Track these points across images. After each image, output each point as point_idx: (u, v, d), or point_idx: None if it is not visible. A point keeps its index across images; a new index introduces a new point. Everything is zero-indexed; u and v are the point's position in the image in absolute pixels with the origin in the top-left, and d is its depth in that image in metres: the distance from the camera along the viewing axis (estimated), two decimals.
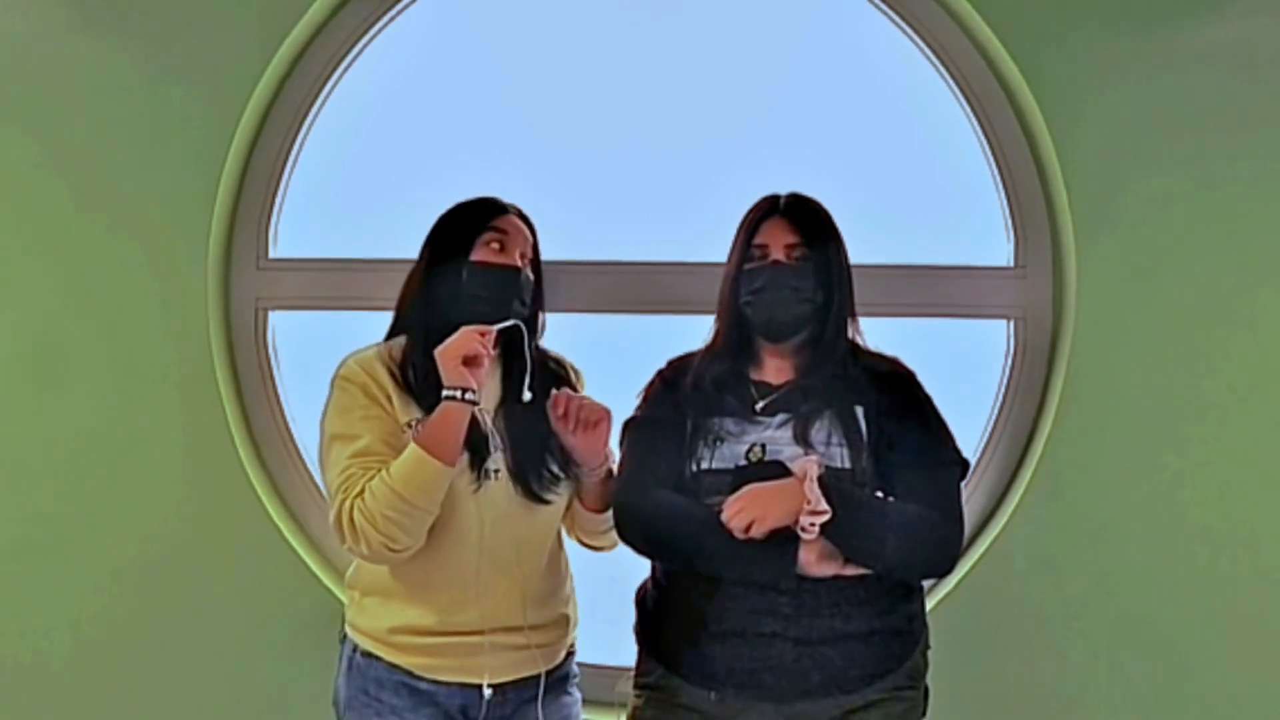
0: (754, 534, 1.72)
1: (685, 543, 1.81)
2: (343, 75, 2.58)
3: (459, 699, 1.90)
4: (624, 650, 2.01)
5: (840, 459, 1.81)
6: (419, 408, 1.89)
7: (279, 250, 2.58)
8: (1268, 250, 2.36)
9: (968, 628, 2.36)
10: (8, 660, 2.49)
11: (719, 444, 1.86)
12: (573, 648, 2.04)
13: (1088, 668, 2.38)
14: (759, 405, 1.89)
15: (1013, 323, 2.50)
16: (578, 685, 2.04)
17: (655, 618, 1.93)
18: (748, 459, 1.83)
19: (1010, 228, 2.50)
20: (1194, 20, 2.37)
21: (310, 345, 2.57)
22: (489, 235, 1.93)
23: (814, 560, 1.75)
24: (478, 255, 1.92)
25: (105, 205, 2.47)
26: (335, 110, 2.59)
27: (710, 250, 2.01)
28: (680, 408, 1.92)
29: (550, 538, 1.98)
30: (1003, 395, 2.50)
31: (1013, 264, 2.49)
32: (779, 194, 1.95)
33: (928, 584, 2.27)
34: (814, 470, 1.74)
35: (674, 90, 2.56)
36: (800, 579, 1.76)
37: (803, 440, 1.82)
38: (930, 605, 2.24)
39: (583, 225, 2.52)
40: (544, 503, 1.93)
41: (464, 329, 1.82)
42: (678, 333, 2.12)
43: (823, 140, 2.51)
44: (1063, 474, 2.37)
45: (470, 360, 1.80)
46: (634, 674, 1.96)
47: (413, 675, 1.89)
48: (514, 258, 1.93)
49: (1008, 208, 2.50)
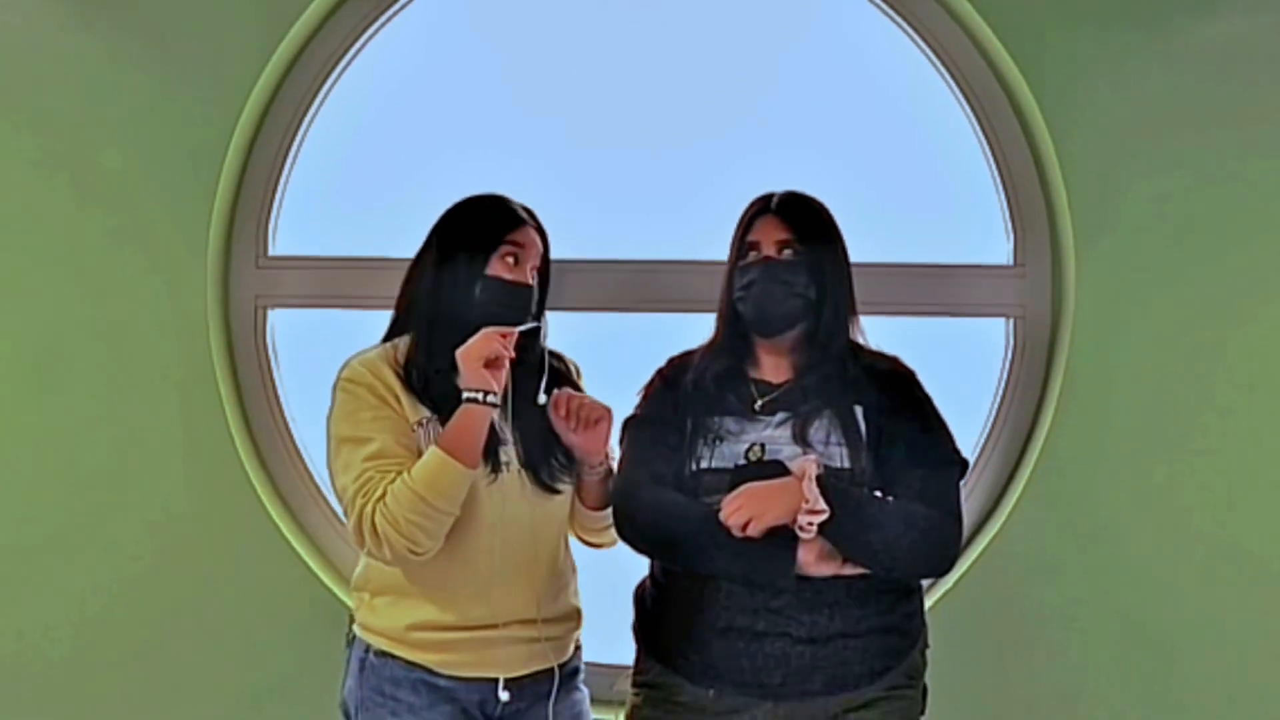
0: (751, 532, 1.72)
1: (683, 541, 1.81)
2: (342, 73, 2.58)
3: (477, 694, 1.90)
4: (622, 648, 2.01)
5: (839, 458, 1.81)
6: (427, 406, 1.88)
7: (278, 248, 2.58)
8: (1267, 249, 2.36)
9: (966, 626, 2.36)
10: (8, 660, 2.50)
11: (718, 443, 1.86)
12: (579, 643, 2.04)
13: (1086, 666, 2.38)
14: (758, 404, 1.89)
15: (1012, 321, 2.50)
16: (583, 681, 2.04)
17: (654, 616, 1.93)
18: (747, 458, 1.83)
19: (1009, 226, 2.50)
20: (1193, 19, 2.37)
21: (310, 343, 2.57)
22: (506, 249, 1.92)
23: (812, 559, 1.75)
24: (493, 270, 1.91)
25: (104, 203, 2.47)
26: (335, 108, 2.59)
27: (710, 249, 2.02)
28: (680, 406, 1.92)
29: (561, 530, 1.99)
30: (1002, 394, 2.50)
31: (1012, 263, 2.50)
32: (774, 192, 1.96)
33: (926, 582, 2.27)
34: (812, 469, 1.74)
35: (674, 89, 2.55)
36: (799, 578, 1.76)
37: (801, 439, 1.83)
38: (929, 603, 2.24)
39: (583, 224, 2.51)
40: (554, 492, 1.93)
41: (485, 330, 1.82)
42: (678, 331, 2.13)
43: (823, 139, 2.51)
44: (1061, 473, 2.38)
45: (492, 363, 1.80)
46: (632, 672, 1.96)
47: (431, 672, 1.88)
48: (526, 273, 1.93)
49: (1007, 206, 2.50)
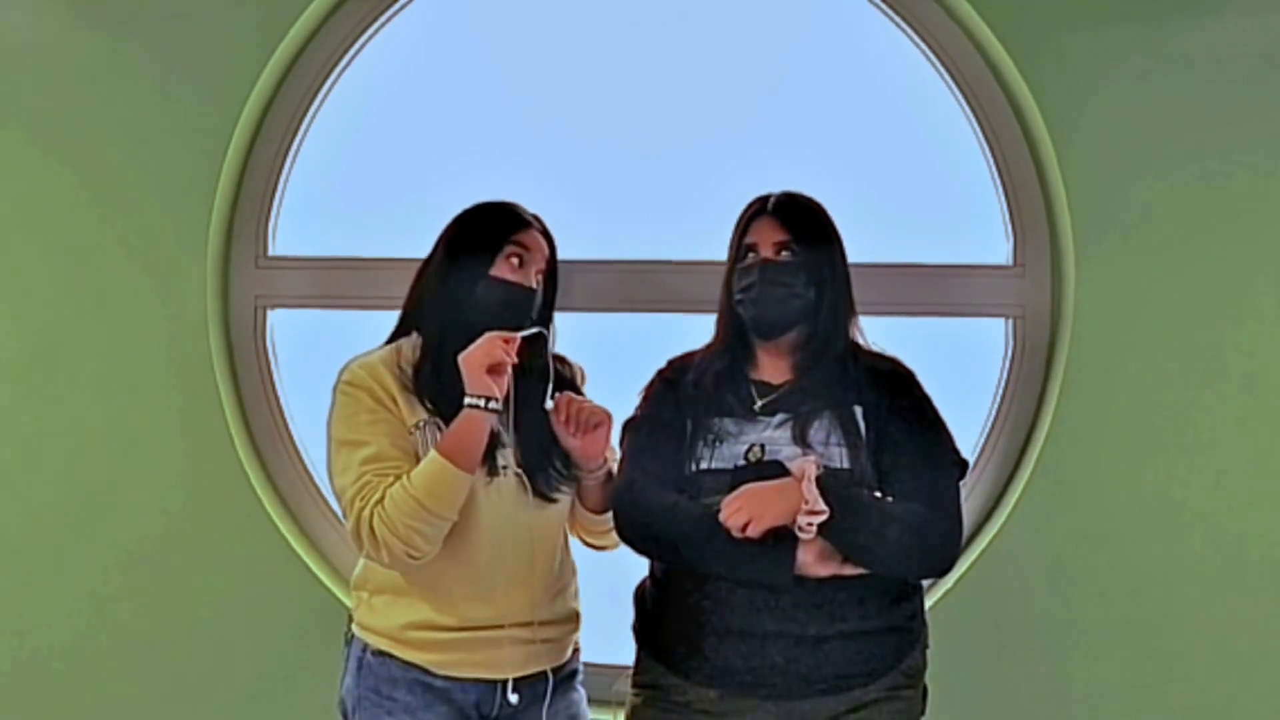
0: (751, 533, 1.71)
1: (683, 542, 1.80)
2: (342, 73, 2.58)
3: (474, 695, 1.90)
4: (622, 649, 2.01)
5: (839, 459, 1.81)
6: (425, 409, 1.89)
7: (278, 248, 2.58)
8: (1266, 249, 2.36)
9: (966, 626, 2.36)
10: (7, 660, 2.50)
11: (718, 444, 1.86)
12: (578, 645, 2.04)
13: (1086, 666, 2.38)
14: (758, 405, 1.89)
15: (1011, 321, 2.50)
16: (581, 683, 2.05)
17: (654, 616, 1.93)
18: (747, 459, 1.83)
19: (1009, 226, 2.50)
20: (1193, 20, 2.37)
21: (309, 343, 2.57)
22: (510, 250, 1.92)
23: (812, 560, 1.75)
24: (497, 271, 1.91)
25: (104, 203, 2.47)
26: (334, 108, 2.59)
27: (710, 248, 2.02)
28: (680, 407, 1.92)
29: (559, 534, 1.99)
30: (1001, 394, 2.50)
31: (1011, 262, 2.49)
32: (771, 193, 1.96)
33: (926, 582, 2.27)
34: (811, 470, 1.74)
35: (674, 88, 2.55)
36: (798, 578, 1.76)
37: (801, 440, 1.83)
38: (929, 604, 2.24)
39: (583, 223, 2.51)
40: (551, 500, 1.93)
41: (489, 335, 1.81)
42: (678, 331, 2.13)
43: (823, 140, 2.51)
44: (1061, 473, 2.38)
45: (494, 368, 1.80)
46: (632, 673, 1.96)
47: (427, 672, 1.89)
48: (530, 276, 1.93)
49: (1006, 206, 2.50)
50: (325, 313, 2.56)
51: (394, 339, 1.98)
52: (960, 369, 2.50)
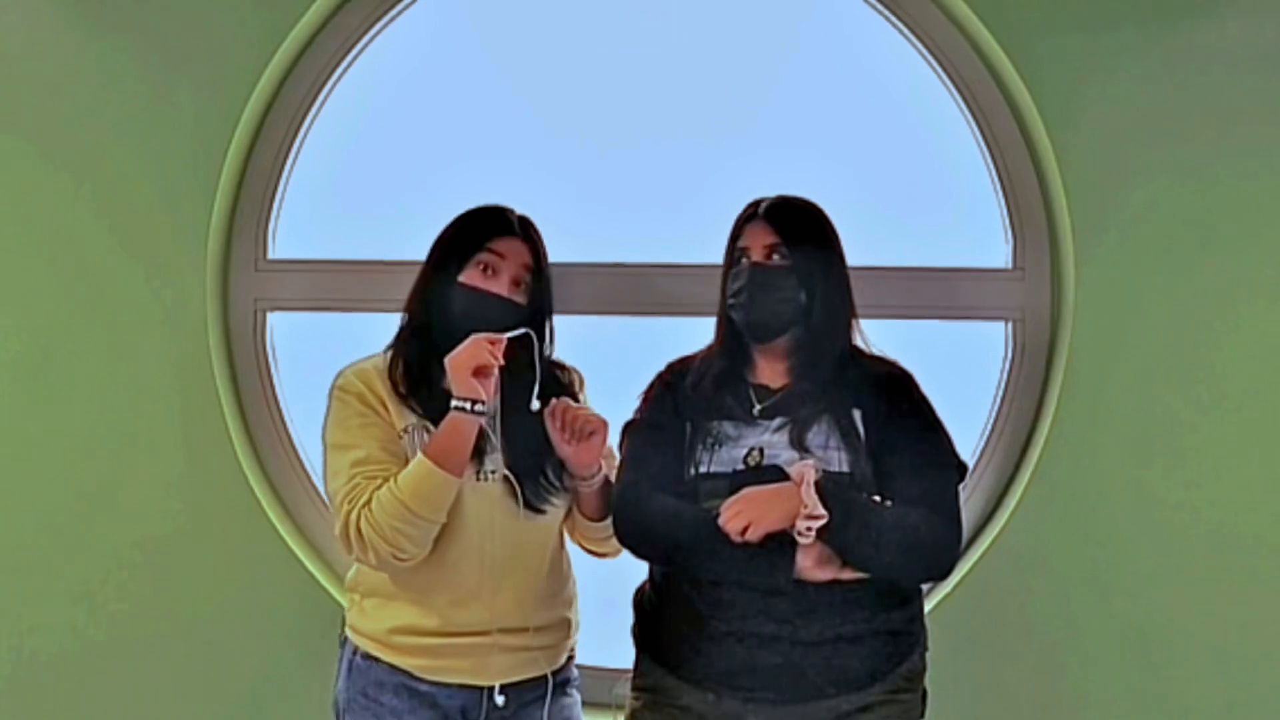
0: (750, 537, 1.71)
1: (682, 546, 1.80)
2: (342, 76, 2.58)
3: (459, 700, 1.90)
4: (621, 652, 2.01)
5: (838, 462, 1.81)
6: (414, 413, 1.89)
7: (277, 251, 2.58)
8: (1266, 251, 2.36)
9: (966, 629, 2.36)
10: (6, 660, 2.50)
11: (717, 447, 1.86)
12: (573, 652, 2.04)
13: (1085, 669, 2.38)
14: (757, 408, 1.89)
15: (1011, 324, 2.50)
16: (577, 687, 2.05)
17: (653, 620, 1.93)
18: (746, 463, 1.83)
19: (1008, 229, 2.50)
20: (1193, 21, 2.37)
21: (309, 346, 2.57)
22: (481, 258, 1.91)
23: (811, 564, 1.75)
24: (466, 278, 1.91)
25: (104, 206, 2.47)
26: (334, 111, 2.59)
27: (709, 252, 2.01)
28: (680, 410, 1.92)
29: (551, 539, 1.98)
30: (1001, 397, 2.50)
31: (1011, 265, 2.49)
32: (764, 197, 1.96)
33: (926, 586, 2.27)
34: (810, 474, 1.73)
35: (672, 91, 2.55)
36: (797, 583, 1.76)
37: (799, 444, 1.82)
38: (928, 607, 2.24)
39: (582, 226, 2.52)
40: (540, 512, 1.93)
41: (475, 337, 1.81)
42: (676, 335, 2.13)
43: (822, 142, 2.51)
44: (1061, 476, 2.37)
45: (480, 371, 1.80)
46: (631, 676, 1.96)
47: (413, 677, 1.89)
48: (503, 283, 1.92)
49: (1006, 209, 2.50)
50: (324, 315, 2.56)
51: (396, 342, 1.99)
52: (960, 372, 2.50)
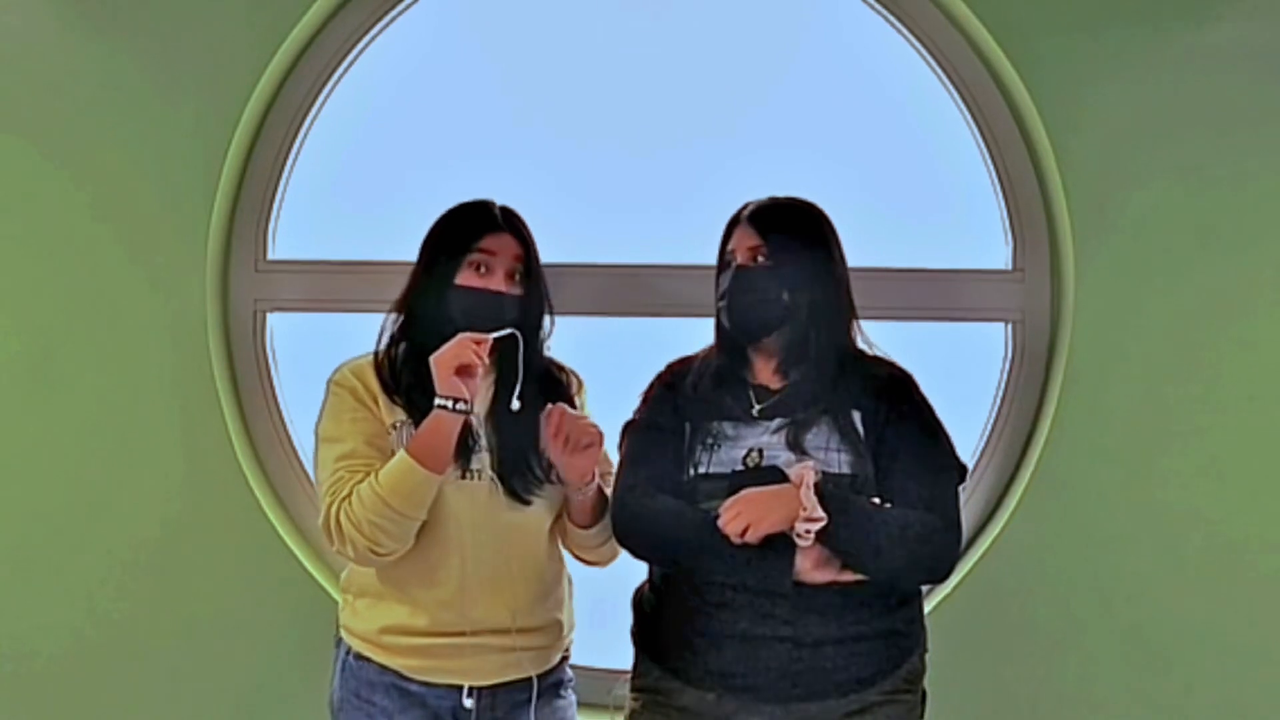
0: (749, 539, 1.71)
1: (681, 547, 1.80)
2: (342, 76, 2.58)
3: (450, 701, 1.90)
4: (620, 653, 2.01)
5: (838, 464, 1.81)
6: (403, 410, 1.90)
7: (277, 252, 2.58)
8: (1266, 253, 2.36)
9: (966, 631, 2.36)
10: (6, 660, 2.49)
11: (717, 448, 1.86)
12: (567, 653, 2.03)
13: (1085, 671, 2.38)
14: (756, 409, 1.89)
15: (1011, 326, 2.50)
16: (573, 689, 2.04)
17: (652, 621, 1.93)
18: (745, 464, 1.83)
19: (1008, 231, 2.50)
20: (1192, 22, 2.37)
21: (308, 347, 2.57)
22: (474, 257, 1.91)
23: (810, 566, 1.75)
24: (461, 279, 1.91)
25: (103, 207, 2.47)
26: (334, 112, 2.59)
27: (707, 253, 2.02)
28: (679, 411, 1.92)
29: (539, 539, 1.96)
30: (1001, 398, 2.50)
31: (1011, 267, 2.50)
32: (752, 201, 1.96)
33: (926, 587, 2.27)
34: (810, 476, 1.73)
35: (671, 92, 2.55)
36: (797, 584, 1.75)
37: (799, 445, 1.82)
38: (928, 608, 2.24)
39: (580, 227, 2.52)
40: (525, 502, 1.91)
41: (460, 336, 1.81)
42: (674, 335, 2.13)
43: (822, 144, 2.51)
44: (1060, 477, 2.37)
45: (464, 370, 1.79)
46: (630, 677, 1.96)
47: (402, 677, 1.89)
48: (498, 280, 1.92)
49: (1006, 211, 2.50)
50: (324, 316, 2.56)
51: (386, 341, 1.99)
52: (960, 374, 2.50)
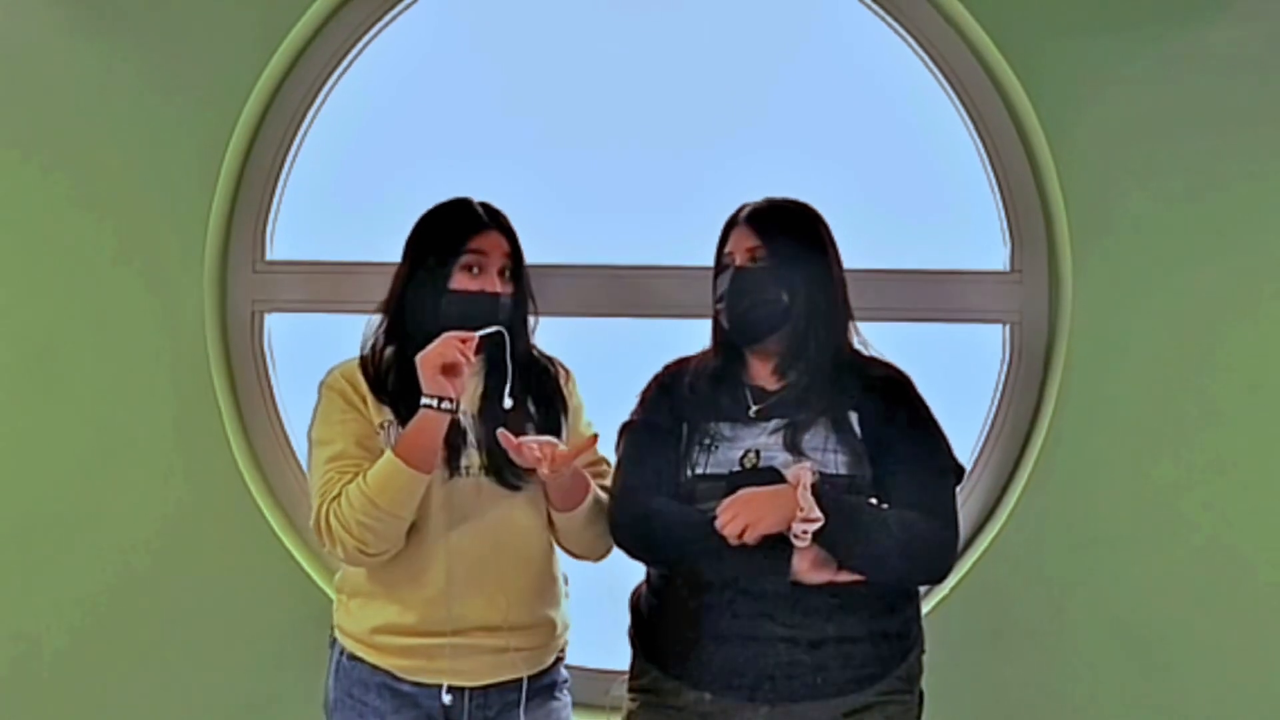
0: (747, 539, 1.71)
1: (679, 548, 1.81)
2: (340, 77, 2.58)
3: (441, 701, 1.89)
4: (618, 654, 2.01)
5: (835, 465, 1.81)
6: (391, 409, 1.90)
7: (275, 253, 2.58)
8: (1264, 254, 2.36)
9: (963, 632, 2.36)
10: (4, 662, 2.49)
11: (714, 448, 1.86)
12: (562, 654, 2.02)
13: (1082, 672, 2.38)
14: (753, 410, 1.89)
15: (1009, 327, 2.50)
16: (568, 689, 2.03)
17: (650, 621, 1.93)
18: (742, 464, 1.83)
19: (1006, 232, 2.50)
20: (1191, 24, 2.37)
21: (306, 348, 2.56)
22: (466, 259, 1.91)
23: (807, 567, 1.75)
24: (456, 283, 1.90)
25: (101, 207, 2.47)
26: (332, 112, 2.59)
27: (706, 254, 2.02)
28: (676, 411, 1.93)
29: (529, 537, 1.94)
30: (998, 400, 2.50)
31: (1009, 268, 2.50)
32: (749, 202, 1.96)
33: (923, 588, 2.27)
34: (807, 477, 1.73)
35: (669, 93, 2.56)
36: (794, 585, 1.75)
37: (797, 446, 1.82)
38: (926, 609, 2.24)
39: (579, 228, 2.52)
40: (515, 488, 1.90)
41: (446, 335, 1.81)
42: (672, 337, 2.13)
43: (820, 145, 2.51)
44: (1058, 478, 2.38)
45: (450, 369, 1.79)
46: (628, 677, 1.96)
47: (394, 677, 1.90)
48: (491, 280, 1.92)
49: (1004, 212, 2.50)
50: (322, 317, 2.55)
51: (374, 342, 1.99)
52: (957, 375, 2.50)
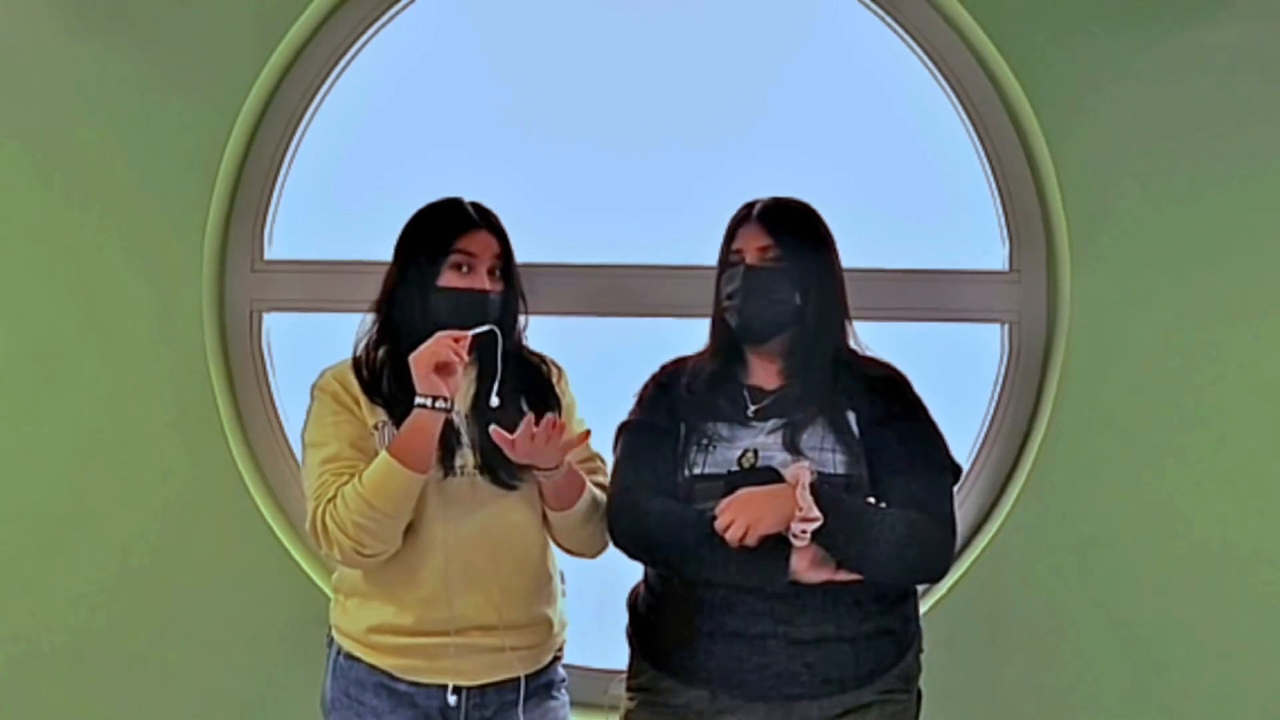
0: (747, 540, 1.71)
1: (677, 547, 1.80)
2: (339, 77, 2.58)
3: (437, 701, 1.90)
4: (616, 653, 2.01)
5: (833, 464, 1.82)
6: (385, 410, 1.90)
7: (274, 252, 2.58)
8: (1262, 255, 2.36)
9: (961, 631, 2.36)
10: (3, 662, 2.49)
11: (712, 449, 1.86)
12: (560, 653, 2.02)
13: (1081, 671, 2.38)
14: (751, 410, 1.89)
15: (1007, 327, 2.50)
16: (566, 688, 2.03)
17: (648, 620, 1.93)
18: (740, 464, 1.84)
19: (1005, 232, 2.50)
20: (1190, 24, 2.37)
21: (305, 347, 2.56)
22: (456, 258, 1.91)
23: (806, 566, 1.75)
24: (445, 281, 1.91)
25: (100, 206, 2.46)
26: (331, 112, 2.59)
27: (704, 254, 2.02)
28: (674, 412, 1.93)
29: (525, 535, 1.94)
30: (997, 399, 2.50)
31: (1007, 268, 2.50)
32: (758, 199, 1.96)
33: (921, 587, 2.27)
34: (806, 477, 1.73)
35: (669, 93, 2.56)
36: (793, 584, 1.75)
37: (795, 446, 1.82)
38: (924, 609, 2.24)
39: (577, 227, 2.52)
40: (511, 488, 1.90)
41: (439, 334, 1.81)
42: (669, 337, 2.13)
43: (819, 145, 2.51)
44: (1056, 478, 2.38)
45: (443, 368, 1.79)
46: (626, 676, 1.96)
47: (391, 676, 1.90)
48: (481, 279, 1.92)
49: (1003, 212, 2.50)
50: (321, 316, 2.55)
51: (366, 342, 1.99)
52: (955, 374, 2.50)
